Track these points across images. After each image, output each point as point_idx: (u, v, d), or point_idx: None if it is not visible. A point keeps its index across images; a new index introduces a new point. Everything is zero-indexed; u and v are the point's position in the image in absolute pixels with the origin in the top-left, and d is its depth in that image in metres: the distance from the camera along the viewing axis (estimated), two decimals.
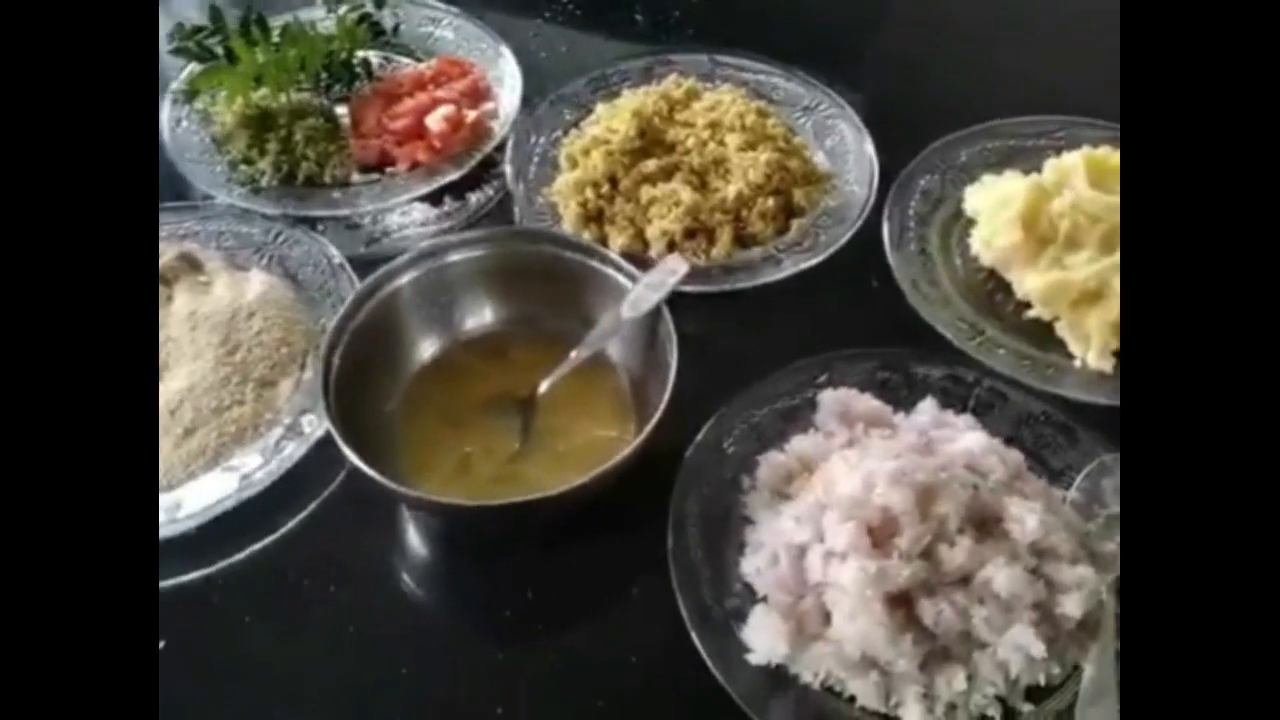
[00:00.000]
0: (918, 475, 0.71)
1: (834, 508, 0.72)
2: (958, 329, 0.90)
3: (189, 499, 0.79)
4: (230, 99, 1.06)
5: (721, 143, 1.01)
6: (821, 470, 0.77)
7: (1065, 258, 0.92)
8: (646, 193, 0.97)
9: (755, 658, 0.71)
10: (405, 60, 1.18)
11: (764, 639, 0.70)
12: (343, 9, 1.16)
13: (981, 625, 0.68)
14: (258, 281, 0.93)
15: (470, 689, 0.72)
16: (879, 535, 0.70)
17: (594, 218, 0.97)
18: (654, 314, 0.81)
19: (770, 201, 0.97)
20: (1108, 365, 0.87)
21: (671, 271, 0.82)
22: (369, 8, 1.18)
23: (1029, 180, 0.96)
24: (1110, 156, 0.97)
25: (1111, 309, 0.88)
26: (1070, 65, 1.17)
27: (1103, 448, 0.81)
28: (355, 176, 1.05)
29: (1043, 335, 0.91)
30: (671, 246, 0.95)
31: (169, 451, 0.81)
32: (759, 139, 1.01)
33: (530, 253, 0.88)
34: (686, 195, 0.96)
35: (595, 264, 0.86)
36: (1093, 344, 0.88)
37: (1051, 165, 0.98)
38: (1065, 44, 1.21)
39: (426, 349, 0.88)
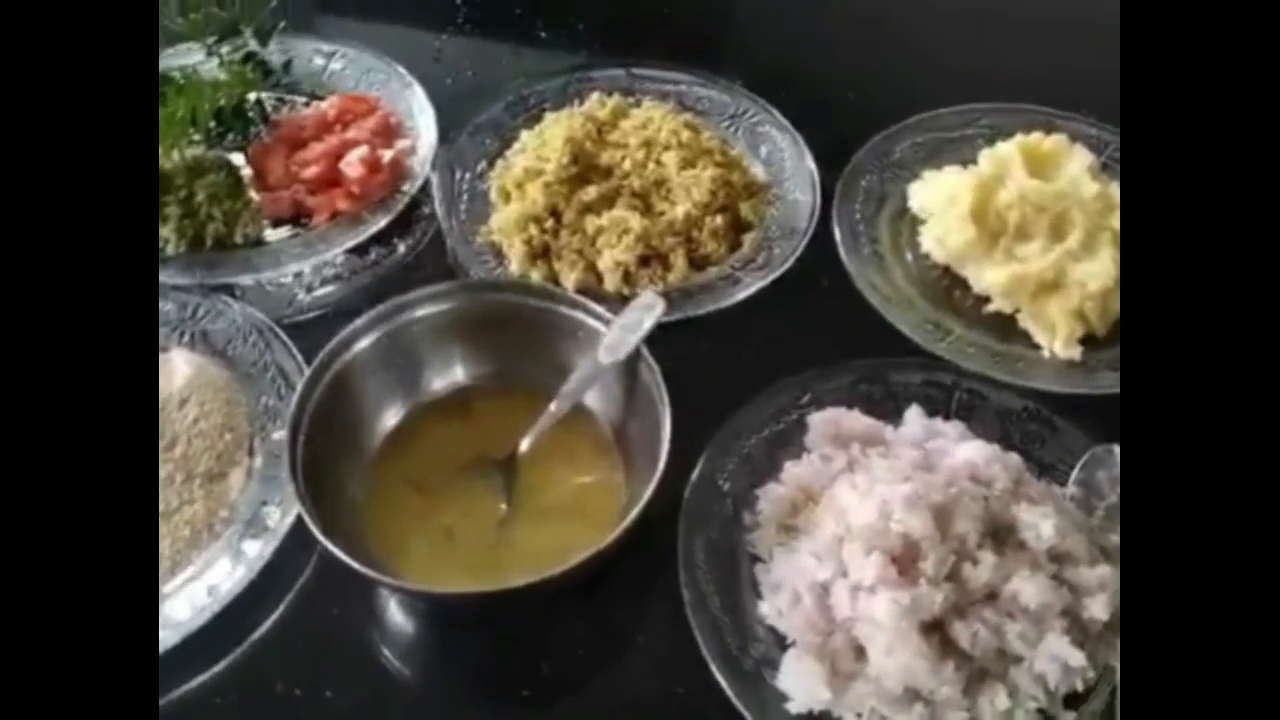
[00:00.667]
0: (933, 496, 0.70)
1: (853, 540, 0.70)
2: (925, 331, 0.89)
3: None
4: None
5: (659, 162, 0.97)
6: (828, 499, 0.75)
7: (1017, 249, 0.92)
8: (592, 223, 0.93)
9: (795, 706, 0.68)
10: (300, 99, 1.10)
11: (803, 686, 0.68)
12: (224, 49, 1.07)
13: (1016, 640, 0.68)
14: (182, 363, 0.84)
15: None
16: (902, 562, 0.69)
17: (540, 254, 0.93)
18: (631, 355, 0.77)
19: (719, 219, 0.95)
20: (1075, 353, 0.88)
21: (647, 308, 0.78)
22: (252, 45, 1.09)
23: (972, 174, 0.96)
24: (1043, 142, 0.98)
25: (1071, 297, 0.89)
26: (982, 52, 1.18)
27: (1085, 437, 0.81)
28: (268, 233, 0.97)
29: (1005, 328, 0.92)
30: (626, 276, 0.91)
31: None
32: (697, 155, 0.98)
33: (490, 303, 0.83)
34: (635, 222, 0.92)
35: (561, 309, 0.81)
36: (1058, 333, 0.89)
37: (987, 156, 0.98)
38: (976, 30, 1.22)
39: (390, 416, 0.82)
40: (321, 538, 0.67)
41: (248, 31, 1.09)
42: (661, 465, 0.71)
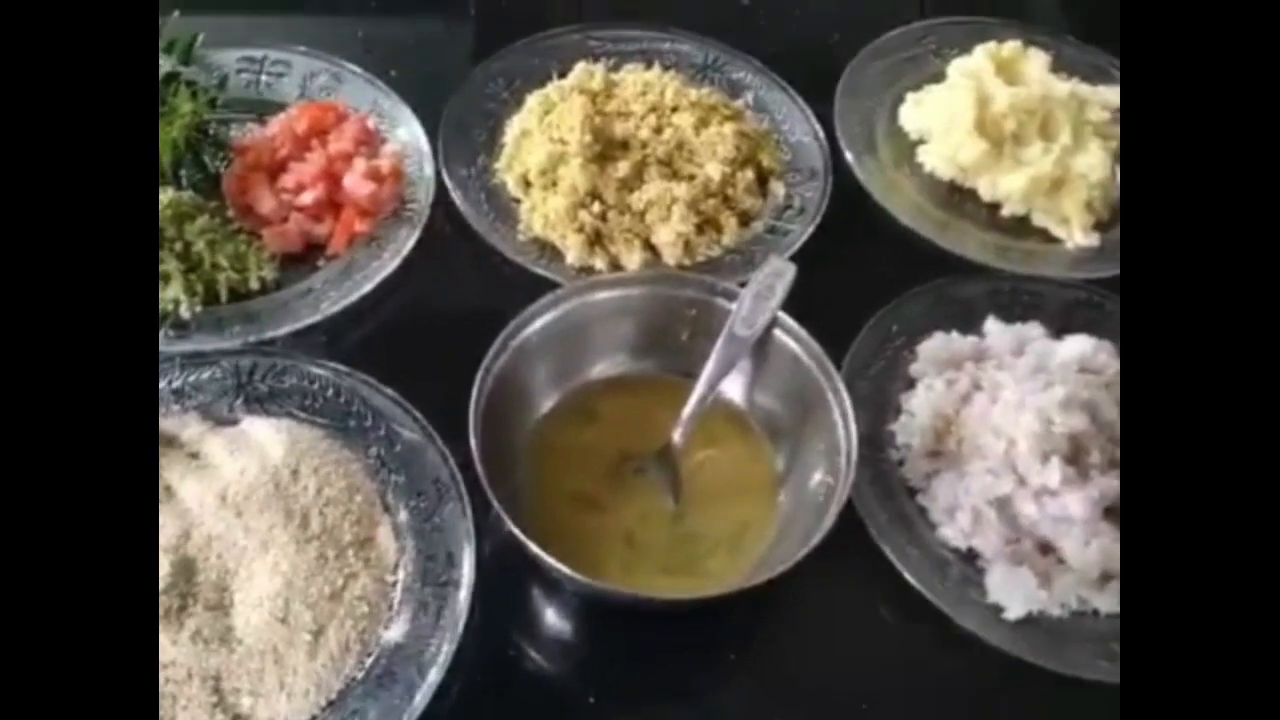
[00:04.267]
0: (1081, 393, 0.76)
1: (1024, 450, 0.75)
2: (981, 243, 0.94)
3: (372, 707, 0.66)
4: None
5: (673, 125, 0.96)
6: (973, 420, 0.79)
7: (1020, 154, 0.99)
8: (638, 199, 0.91)
9: (1012, 614, 0.73)
10: (245, 118, 0.99)
11: (1019, 594, 0.73)
12: None
13: None
14: (270, 431, 0.76)
15: None
16: (1072, 460, 0.75)
17: (594, 240, 0.90)
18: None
19: (749, 172, 0.95)
20: (1094, 239, 0.97)
21: (778, 274, 0.78)
22: (169, 66, 0.97)
23: (963, 90, 1.01)
24: (1001, 50, 1.05)
25: (1078, 190, 0.97)
26: None
27: None
28: (279, 271, 0.88)
29: (1020, 229, 0.99)
30: (686, 247, 0.90)
31: (304, 664, 0.67)
32: (707, 112, 0.97)
33: (592, 303, 0.80)
34: (682, 190, 0.91)
35: (677, 291, 0.80)
36: (1074, 224, 0.97)
37: (958, 69, 1.04)
38: None
39: (523, 438, 0.78)
40: (555, 563, 0.65)
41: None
42: (853, 435, 0.72)
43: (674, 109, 0.97)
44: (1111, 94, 1.03)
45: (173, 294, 0.83)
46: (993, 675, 0.72)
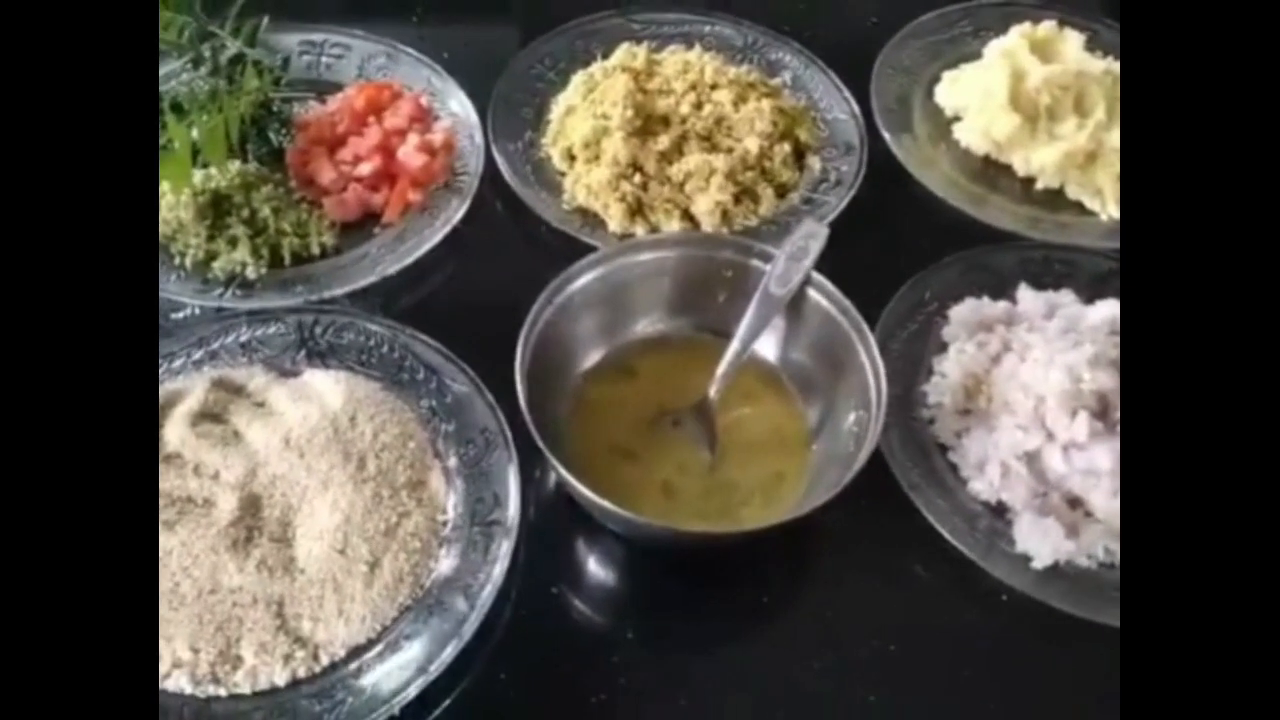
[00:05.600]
0: (1109, 352, 0.78)
1: (1053, 406, 0.77)
2: (1014, 215, 0.97)
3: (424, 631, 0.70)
4: (176, 189, 0.89)
5: (712, 101, 1.00)
6: (1003, 378, 0.81)
7: (1054, 128, 1.02)
8: (678, 170, 0.94)
9: (1039, 562, 0.75)
10: (308, 97, 1.04)
11: (1046, 543, 0.75)
12: (206, 51, 1.00)
13: None
14: (330, 382, 0.81)
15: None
16: (1099, 416, 0.77)
17: (635, 210, 0.94)
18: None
19: (787, 146, 0.99)
20: None
21: (811, 236, 0.81)
22: (233, 49, 1.02)
23: (996, 68, 1.03)
24: (1037, 30, 1.07)
25: (1112, 163, 0.99)
26: None
27: None
28: (342, 236, 0.93)
29: (1054, 202, 1.01)
30: (724, 216, 0.94)
31: (360, 592, 0.71)
32: (744, 89, 1.01)
33: (632, 265, 0.83)
34: (720, 162, 0.94)
35: (711, 253, 0.84)
36: (1107, 197, 0.99)
37: (995, 49, 1.06)
38: None
39: (566, 392, 0.82)
40: (606, 502, 0.69)
41: (223, 33, 1.02)
42: (883, 388, 0.75)
43: (713, 86, 1.01)
44: None
45: (240, 256, 0.89)
46: (1020, 623, 0.75)
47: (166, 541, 0.72)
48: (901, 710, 0.72)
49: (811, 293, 0.81)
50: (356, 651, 0.70)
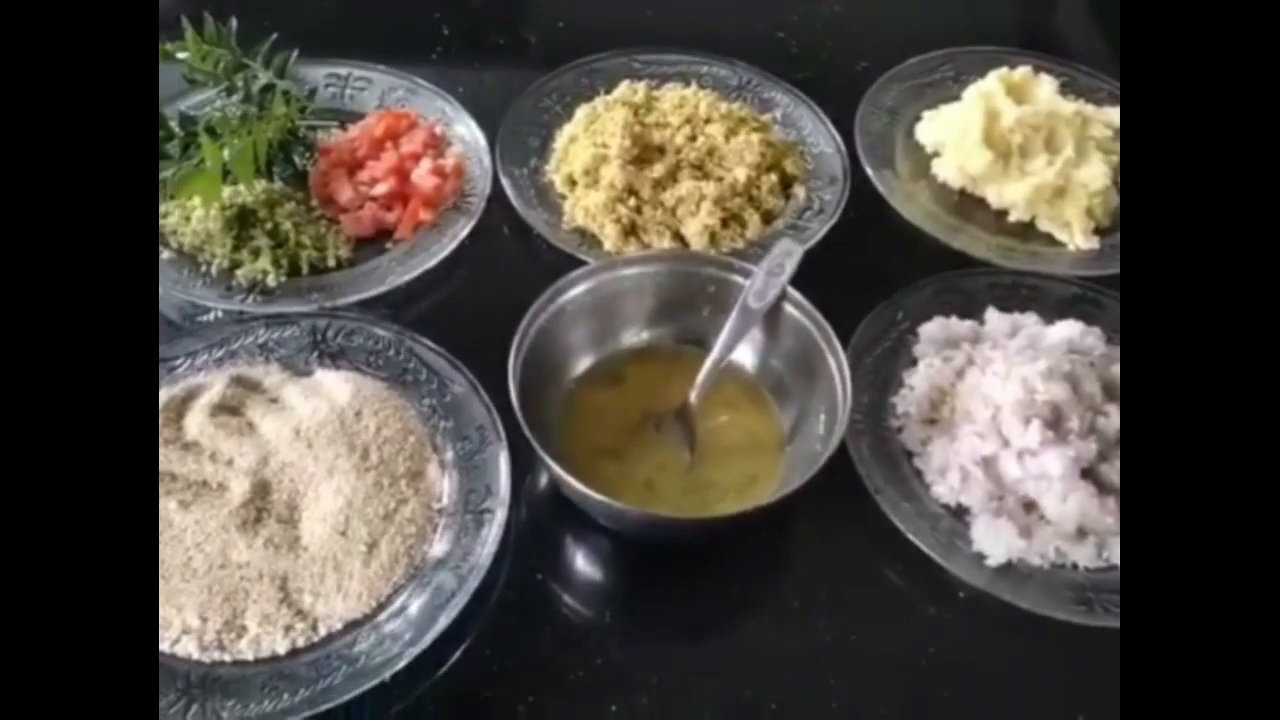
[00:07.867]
0: (1063, 366, 0.84)
1: (1008, 415, 0.82)
2: (988, 244, 1.03)
3: (415, 607, 0.76)
4: (206, 203, 0.96)
5: (705, 134, 1.07)
6: (965, 390, 0.87)
7: (1025, 165, 1.08)
8: (670, 195, 1.01)
9: (994, 560, 0.80)
10: (331, 124, 1.12)
11: (999, 542, 0.80)
12: (239, 81, 1.09)
13: None
14: (338, 381, 0.88)
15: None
16: (1052, 425, 0.82)
17: (629, 231, 1.00)
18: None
19: (773, 176, 1.05)
20: (1094, 242, 1.05)
21: (787, 254, 0.88)
22: (264, 79, 1.11)
23: (972, 108, 1.10)
24: (1013, 75, 1.14)
25: (1079, 198, 1.05)
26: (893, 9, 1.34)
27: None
28: (355, 251, 1.00)
29: (1025, 233, 1.07)
30: (712, 238, 1.00)
31: (359, 571, 0.77)
32: (736, 123, 1.08)
33: (621, 279, 0.90)
34: (710, 189, 1.01)
35: (700, 269, 0.90)
36: (1075, 229, 1.05)
37: (974, 91, 1.13)
38: None
39: (557, 396, 0.88)
40: (596, 493, 0.75)
41: (255, 65, 1.11)
42: (848, 392, 0.81)
43: (707, 120, 1.08)
44: (1115, 114, 1.11)
45: (262, 265, 0.96)
46: (975, 616, 0.79)
47: (182, 520, 0.78)
48: (862, 692, 0.76)
49: (787, 306, 0.87)
50: (353, 625, 0.76)
